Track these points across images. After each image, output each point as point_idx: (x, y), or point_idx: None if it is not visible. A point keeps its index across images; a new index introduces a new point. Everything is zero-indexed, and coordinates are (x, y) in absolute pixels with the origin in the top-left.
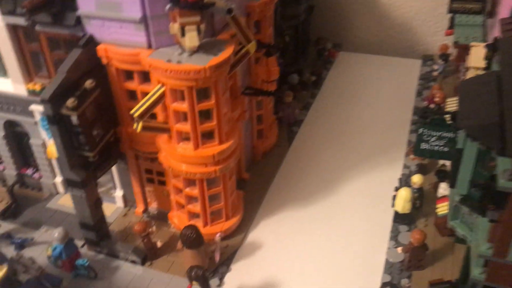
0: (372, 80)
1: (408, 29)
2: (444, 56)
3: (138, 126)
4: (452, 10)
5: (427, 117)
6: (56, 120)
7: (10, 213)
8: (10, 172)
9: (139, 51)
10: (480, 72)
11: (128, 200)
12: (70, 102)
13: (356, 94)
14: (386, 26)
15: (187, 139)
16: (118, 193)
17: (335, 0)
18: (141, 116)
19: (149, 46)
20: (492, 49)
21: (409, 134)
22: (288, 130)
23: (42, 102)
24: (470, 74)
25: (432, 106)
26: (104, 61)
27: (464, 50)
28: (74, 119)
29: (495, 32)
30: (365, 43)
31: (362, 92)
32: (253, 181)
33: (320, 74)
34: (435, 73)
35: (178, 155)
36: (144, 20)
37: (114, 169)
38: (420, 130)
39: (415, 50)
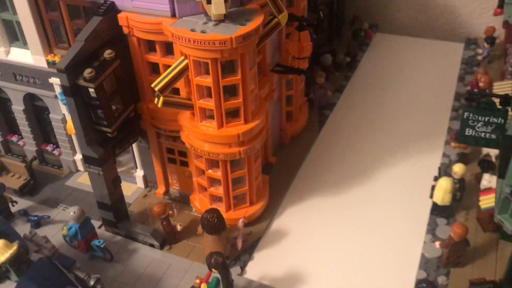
0: (410, 64)
1: (451, 10)
2: (490, 39)
3: (159, 101)
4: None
5: (473, 100)
6: (72, 91)
7: (28, 190)
8: (30, 148)
9: (162, 20)
10: None
11: (149, 181)
12: (88, 72)
13: (393, 78)
14: (427, 7)
15: (210, 117)
16: (139, 173)
17: None
18: (162, 90)
19: (173, 15)
20: None
21: (450, 121)
22: (319, 113)
23: (58, 71)
24: None
25: (476, 91)
26: (125, 30)
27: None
28: (92, 91)
29: None
30: (404, 24)
31: (399, 76)
32: (280, 166)
33: (355, 55)
34: (479, 57)
35: (201, 133)
36: None
37: (134, 147)
38: (465, 114)
39: (458, 33)
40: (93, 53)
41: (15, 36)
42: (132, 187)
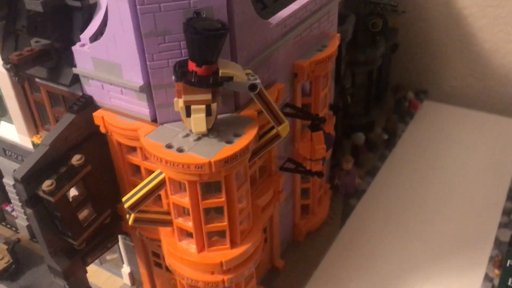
0: (459, 142)
1: None
2: None
3: (130, 219)
4: None
5: None
6: (32, 202)
7: (9, 275)
8: (22, 222)
9: (138, 126)
10: None
11: (135, 279)
12: (47, 185)
13: (437, 160)
14: (486, 76)
15: (191, 236)
16: (125, 269)
17: (424, 39)
18: (133, 207)
19: (154, 120)
20: None
21: (498, 229)
22: (344, 203)
23: (15, 181)
24: None
25: None
26: (103, 130)
27: None
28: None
29: None
30: (458, 93)
31: (444, 158)
32: (290, 271)
33: (395, 131)
34: None
35: (179, 255)
36: (146, 89)
37: (121, 243)
38: (509, 262)
39: None
40: (63, 156)
41: (4, 110)
42: (119, 282)
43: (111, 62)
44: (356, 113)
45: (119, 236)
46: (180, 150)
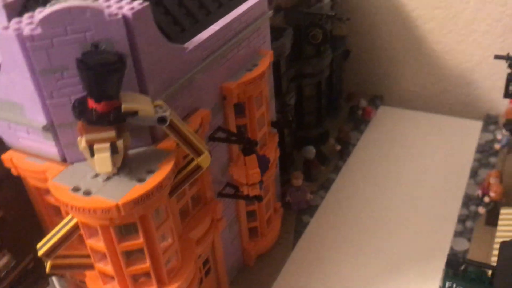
0: (415, 148)
1: (467, 82)
2: (510, 126)
3: (46, 266)
4: (509, 95)
5: (458, 266)
6: None
7: None
8: None
9: (47, 167)
10: None
11: None
12: None
13: (392, 167)
14: (440, 77)
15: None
16: None
17: (376, 44)
18: (48, 254)
19: (63, 159)
20: None
21: (454, 237)
22: (297, 220)
23: None
24: None
25: (486, 200)
26: (14, 172)
27: None
28: None
29: None
30: (413, 96)
31: (400, 165)
32: None
33: (348, 140)
34: (497, 146)
35: None
36: (51, 127)
37: (56, 284)
38: (447, 284)
39: (475, 109)
40: None
41: None
42: None
43: (13, 102)
44: (308, 124)
45: (54, 278)
46: (87, 192)
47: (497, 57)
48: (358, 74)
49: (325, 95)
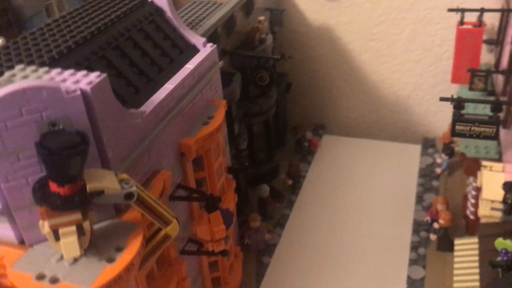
0: (361, 175)
1: (404, 108)
2: (448, 150)
3: None
4: (455, 134)
5: None
6: None
7: None
8: None
9: (3, 254)
10: (499, 207)
11: None
12: None
13: (342, 196)
14: (378, 105)
15: None
16: None
17: (316, 76)
18: None
19: (21, 242)
20: None
21: (409, 266)
22: (257, 261)
23: None
24: (484, 209)
25: (436, 226)
26: None
27: (474, 164)
28: None
29: None
30: (354, 124)
31: (350, 194)
32: None
33: (299, 174)
34: (438, 171)
35: None
36: (6, 210)
37: None
38: None
39: (413, 133)
40: None
41: None
42: None
43: None
44: (260, 161)
45: None
46: (53, 280)
47: (442, 99)
48: (301, 106)
49: (272, 130)
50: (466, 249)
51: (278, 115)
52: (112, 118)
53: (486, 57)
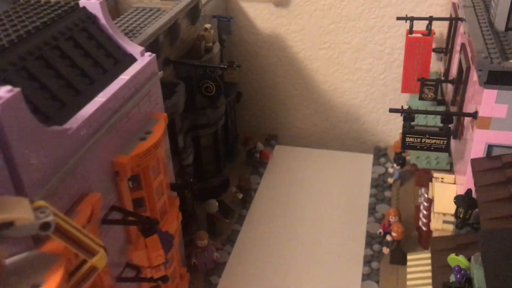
0: (314, 185)
1: (355, 118)
2: (400, 160)
3: None
4: (406, 146)
5: None
6: None
7: None
8: None
9: None
10: (451, 220)
11: None
12: None
13: (295, 209)
14: (329, 114)
15: None
16: None
17: (267, 85)
18: None
19: None
20: (466, 206)
21: (362, 282)
22: (205, 282)
23: None
24: (436, 223)
25: (388, 238)
26: None
27: (425, 175)
28: None
29: (465, 166)
30: (305, 133)
31: (302, 206)
32: None
33: (249, 187)
34: (390, 180)
35: None
36: None
37: None
38: None
39: (364, 142)
40: None
41: None
42: None
43: None
44: (208, 175)
45: None
46: None
47: (392, 110)
48: (252, 116)
49: (222, 142)
50: (419, 265)
51: (227, 126)
52: (28, 137)
53: (435, 66)
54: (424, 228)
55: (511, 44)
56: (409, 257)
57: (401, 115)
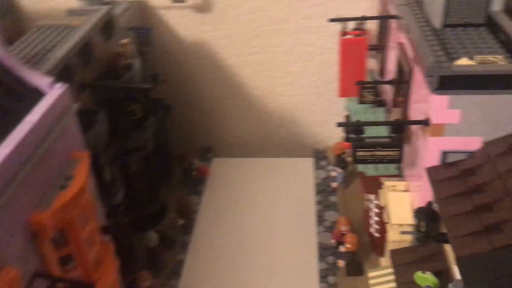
0: (258, 197)
1: (291, 121)
2: (342, 162)
3: None
4: (358, 161)
5: None
6: None
7: None
8: None
9: None
10: (409, 230)
11: None
12: None
13: (242, 226)
14: (265, 121)
15: None
16: None
17: (197, 97)
18: None
19: None
20: (427, 219)
21: None
22: None
23: None
24: (393, 235)
25: (342, 249)
26: None
27: (374, 182)
28: None
29: (418, 173)
30: (241, 143)
31: (249, 222)
32: None
33: (190, 211)
34: (334, 185)
35: None
36: None
37: None
38: None
39: (303, 146)
40: None
41: None
42: None
43: None
44: (142, 203)
45: None
46: None
47: (341, 124)
48: (184, 130)
49: (154, 165)
50: (382, 282)
51: (159, 146)
52: None
53: (368, 63)
54: (376, 235)
55: (451, 42)
56: (370, 274)
57: (346, 127)
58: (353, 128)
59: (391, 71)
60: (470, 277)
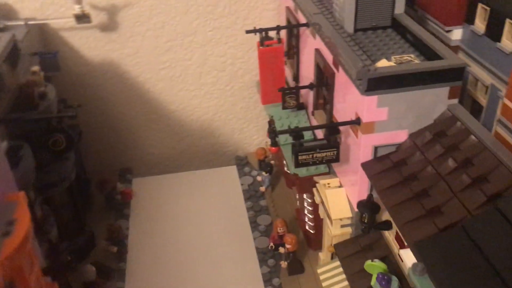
0: (188, 212)
1: (210, 132)
2: (267, 167)
3: None
4: (299, 165)
5: None
6: None
7: None
8: None
9: None
10: (348, 223)
11: None
12: None
13: (177, 243)
14: (183, 135)
15: None
16: None
17: (111, 118)
18: None
19: None
20: (370, 211)
21: None
22: None
23: None
24: (335, 229)
25: (282, 251)
26: None
27: (307, 181)
28: None
29: (352, 169)
30: (162, 160)
31: (185, 238)
32: None
33: (120, 235)
34: (262, 189)
35: None
36: None
37: None
38: None
39: (224, 154)
40: None
41: None
42: None
43: None
44: (71, 236)
45: None
46: None
47: (281, 132)
48: (100, 154)
49: (77, 193)
50: (331, 276)
51: (77, 174)
52: None
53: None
54: (312, 231)
55: (367, 45)
56: (319, 271)
57: (290, 135)
58: (293, 134)
59: (307, 76)
60: (428, 258)
